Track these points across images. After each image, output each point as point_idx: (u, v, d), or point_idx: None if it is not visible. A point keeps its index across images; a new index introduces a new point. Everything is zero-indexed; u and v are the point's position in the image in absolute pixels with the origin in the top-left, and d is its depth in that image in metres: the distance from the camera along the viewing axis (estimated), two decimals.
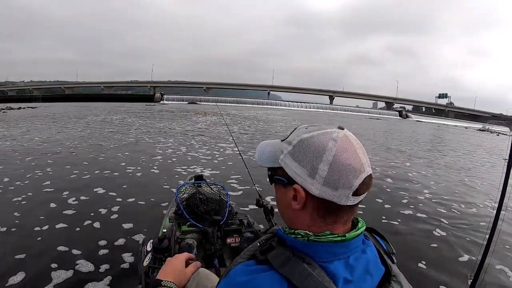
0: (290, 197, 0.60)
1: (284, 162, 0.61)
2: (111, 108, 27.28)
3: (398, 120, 51.83)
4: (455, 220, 3.97)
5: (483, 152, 13.12)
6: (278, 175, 0.63)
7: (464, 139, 20.69)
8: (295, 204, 0.60)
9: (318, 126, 0.61)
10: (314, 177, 0.56)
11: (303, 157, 0.58)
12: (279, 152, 0.63)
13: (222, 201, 2.08)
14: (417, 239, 3.33)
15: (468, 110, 74.12)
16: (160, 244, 1.47)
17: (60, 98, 49.30)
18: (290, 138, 0.63)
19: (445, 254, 3.00)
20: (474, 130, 38.39)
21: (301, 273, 0.53)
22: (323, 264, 0.55)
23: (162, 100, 56.19)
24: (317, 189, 0.56)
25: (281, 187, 0.64)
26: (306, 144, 0.58)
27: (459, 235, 3.49)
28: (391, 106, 76.99)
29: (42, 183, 4.48)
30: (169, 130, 12.04)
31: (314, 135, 0.59)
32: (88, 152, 6.99)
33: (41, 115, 17.63)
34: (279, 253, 0.58)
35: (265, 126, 17.00)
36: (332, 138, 0.57)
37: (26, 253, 2.53)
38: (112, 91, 69.75)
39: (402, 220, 3.83)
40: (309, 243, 0.58)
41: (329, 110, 60.84)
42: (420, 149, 11.61)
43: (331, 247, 0.57)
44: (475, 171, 7.96)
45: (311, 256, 0.56)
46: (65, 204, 3.68)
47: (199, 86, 75.43)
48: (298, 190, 0.58)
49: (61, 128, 11.61)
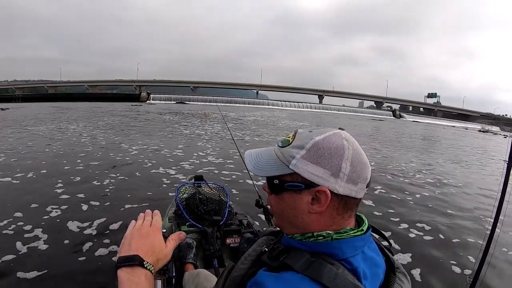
0: (306, 202, 0.59)
1: (297, 167, 0.59)
2: (92, 109, 25.01)
3: (393, 120, 52.15)
4: (455, 220, 4.04)
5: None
6: (289, 182, 0.60)
7: (482, 144, 19.67)
8: (316, 207, 0.59)
9: (321, 128, 0.62)
10: (338, 176, 0.57)
11: (322, 158, 0.58)
12: (287, 157, 0.61)
13: (222, 202, 2.09)
14: (417, 238, 3.36)
15: (457, 109, 75.68)
16: None
17: (42, 97, 47.54)
18: (297, 142, 0.61)
19: (444, 256, 3.01)
20: (475, 131, 38.53)
21: (328, 273, 0.53)
22: (347, 260, 0.57)
23: (149, 99, 55.13)
24: (341, 187, 0.58)
25: (292, 194, 0.61)
26: (322, 146, 0.58)
27: (458, 236, 3.53)
28: (381, 105, 77.95)
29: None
30: (167, 130, 11.85)
31: (326, 136, 0.60)
32: (87, 151, 6.93)
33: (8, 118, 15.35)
34: (298, 256, 0.57)
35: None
36: (343, 138, 0.60)
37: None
38: (97, 90, 68.39)
39: (402, 219, 3.89)
40: (332, 242, 0.58)
41: (325, 110, 60.68)
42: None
43: (353, 241, 0.59)
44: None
45: (332, 254, 0.57)
46: (66, 205, 3.65)
47: (186, 85, 74.67)
48: (324, 192, 0.58)
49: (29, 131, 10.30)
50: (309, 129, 0.63)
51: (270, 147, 0.68)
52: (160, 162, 6.16)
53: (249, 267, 0.64)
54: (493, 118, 64.62)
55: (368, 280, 0.57)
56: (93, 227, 3.09)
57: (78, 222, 3.16)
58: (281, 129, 16.19)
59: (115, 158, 6.38)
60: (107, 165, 5.68)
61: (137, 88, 68.15)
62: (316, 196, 0.59)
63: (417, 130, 27.07)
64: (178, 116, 21.32)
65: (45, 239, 2.79)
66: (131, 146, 7.82)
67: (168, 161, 6.29)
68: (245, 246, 1.74)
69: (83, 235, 2.92)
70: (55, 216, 3.31)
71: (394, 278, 0.64)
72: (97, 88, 71.25)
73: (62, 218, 3.25)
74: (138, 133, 10.91)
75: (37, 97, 48.18)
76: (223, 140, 9.82)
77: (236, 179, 5.12)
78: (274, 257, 0.60)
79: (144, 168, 5.64)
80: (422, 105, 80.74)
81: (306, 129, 0.64)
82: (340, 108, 66.90)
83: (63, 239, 2.81)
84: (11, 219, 3.16)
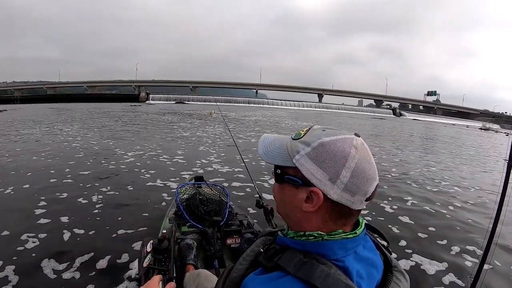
0: (301, 198, 0.60)
1: (299, 163, 0.59)
2: (90, 110, 24.42)
3: (394, 118, 51.79)
4: (455, 219, 4.02)
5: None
6: (290, 175, 0.61)
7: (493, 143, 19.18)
8: (308, 206, 0.59)
9: (335, 130, 0.61)
10: (335, 182, 0.57)
11: (324, 161, 0.57)
12: (293, 151, 0.61)
13: (222, 202, 2.09)
14: (418, 238, 3.34)
15: (457, 107, 75.69)
16: (160, 245, 1.47)
17: (40, 99, 47.54)
18: (307, 138, 0.61)
19: (444, 255, 2.99)
20: (475, 128, 38.08)
21: (320, 274, 0.53)
22: (337, 261, 0.57)
23: (148, 100, 55.24)
24: (336, 194, 0.57)
25: (291, 187, 0.61)
26: (328, 148, 0.58)
27: (459, 235, 3.50)
28: (381, 104, 77.97)
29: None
30: (167, 133, 11.67)
31: (335, 139, 0.58)
32: (78, 158, 6.69)
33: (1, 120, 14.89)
34: (291, 257, 0.57)
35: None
36: (353, 145, 0.58)
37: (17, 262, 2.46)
38: (96, 91, 68.31)
39: (403, 219, 3.86)
40: (323, 242, 0.58)
41: (325, 109, 60.76)
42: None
43: (344, 243, 0.59)
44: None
45: (324, 255, 0.57)
46: (67, 204, 3.65)
47: (186, 85, 74.58)
48: (317, 193, 0.57)
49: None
50: (324, 128, 0.63)
51: (287, 136, 0.67)
52: (158, 171, 5.48)
53: (247, 267, 0.64)
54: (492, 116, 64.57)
55: (364, 280, 0.58)
56: (73, 268, 2.41)
57: (55, 262, 2.48)
58: (285, 130, 15.91)
59: (108, 166, 5.73)
60: (98, 175, 5.05)
61: (136, 88, 68.13)
62: (310, 195, 0.59)
63: (420, 129, 26.67)
64: (177, 116, 20.97)
65: (15, 284, 2.19)
66: (126, 152, 7.15)
67: (167, 170, 5.66)
68: (246, 246, 1.74)
69: (59, 283, 2.25)
70: (31, 249, 2.67)
71: (391, 277, 0.64)
72: (96, 89, 71.20)
73: (38, 253, 2.61)
74: (134, 136, 10.19)
75: (36, 98, 48.23)
76: (224, 141, 9.69)
77: (237, 180, 5.08)
78: (269, 257, 0.61)
79: (140, 179, 4.99)
80: (422, 103, 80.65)
81: (321, 127, 0.63)
82: (340, 107, 66.96)
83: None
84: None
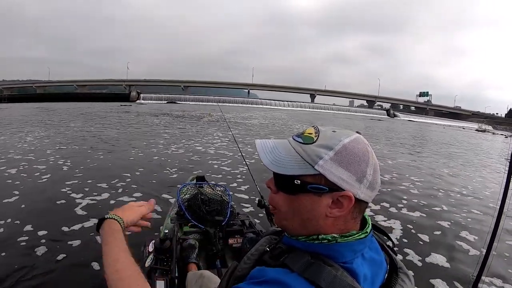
0: (326, 205, 0.57)
1: (324, 169, 0.56)
2: (75, 110, 23.07)
3: (388, 119, 52.11)
4: (456, 219, 4.07)
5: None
6: (313, 184, 0.57)
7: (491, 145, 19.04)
8: (336, 211, 0.57)
9: (343, 130, 0.61)
10: (362, 182, 0.57)
11: (350, 163, 0.56)
12: (312, 156, 0.57)
13: (224, 202, 2.09)
14: (419, 237, 3.38)
15: (449, 108, 76.91)
16: (162, 245, 1.47)
17: (29, 98, 46.46)
18: (324, 142, 0.58)
19: (447, 254, 3.02)
20: (471, 130, 38.23)
21: (327, 276, 0.52)
22: (347, 263, 0.56)
23: (139, 99, 54.74)
24: (363, 193, 0.57)
25: (312, 196, 0.58)
26: (351, 149, 0.57)
27: (461, 233, 3.56)
28: (373, 104, 78.58)
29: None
30: (167, 131, 11.54)
31: (353, 140, 0.58)
32: (87, 151, 6.73)
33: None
34: (298, 257, 0.57)
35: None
36: (365, 143, 0.59)
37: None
38: (86, 90, 67.38)
39: (404, 219, 3.91)
40: (334, 245, 0.58)
41: (318, 110, 60.60)
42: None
43: (353, 245, 0.58)
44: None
45: (333, 258, 0.56)
46: (67, 205, 3.64)
47: (177, 84, 74.01)
48: (348, 197, 0.56)
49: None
50: (331, 128, 0.62)
51: (283, 139, 0.64)
52: (159, 172, 5.17)
53: (251, 266, 0.64)
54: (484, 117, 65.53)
55: (368, 281, 0.57)
56: (73, 268, 2.34)
57: (55, 260, 2.41)
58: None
59: (110, 166, 5.44)
60: (99, 175, 4.51)
61: (127, 87, 67.36)
62: (338, 200, 0.57)
63: (420, 131, 26.52)
64: (173, 118, 19.66)
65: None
66: (127, 152, 6.29)
67: (168, 171, 5.33)
68: (248, 246, 1.74)
69: (58, 283, 2.17)
70: (31, 249, 2.56)
71: (396, 279, 0.63)
72: (86, 88, 70.17)
73: (38, 252, 2.52)
74: (134, 136, 9.49)
75: (24, 97, 47.13)
76: (224, 141, 9.56)
77: (238, 180, 5.08)
78: (275, 256, 0.60)
79: (140, 180, 4.57)
80: (414, 104, 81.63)
81: (328, 128, 0.62)
82: (333, 107, 67.22)
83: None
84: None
